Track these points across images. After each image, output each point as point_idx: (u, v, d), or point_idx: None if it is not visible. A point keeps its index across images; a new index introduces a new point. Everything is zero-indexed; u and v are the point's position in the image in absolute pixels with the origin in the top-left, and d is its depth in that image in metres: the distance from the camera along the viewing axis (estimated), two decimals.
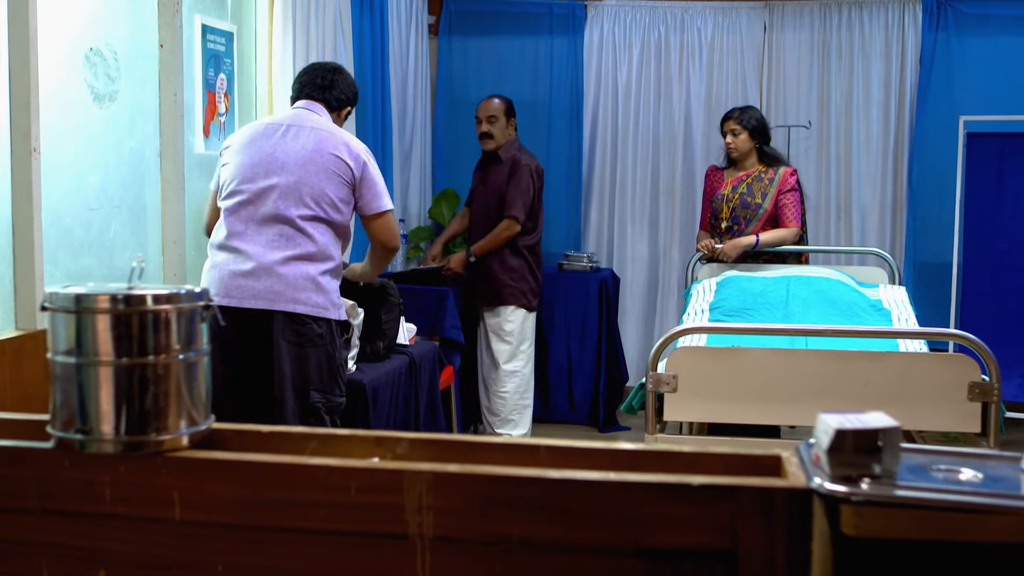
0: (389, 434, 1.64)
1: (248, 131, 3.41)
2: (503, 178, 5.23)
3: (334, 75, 3.52)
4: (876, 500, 1.36)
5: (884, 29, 6.27)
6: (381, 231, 3.46)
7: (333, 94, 3.50)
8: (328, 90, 3.49)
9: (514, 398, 5.36)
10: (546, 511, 1.42)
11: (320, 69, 3.55)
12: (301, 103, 3.48)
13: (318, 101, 3.48)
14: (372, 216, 3.42)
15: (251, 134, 3.37)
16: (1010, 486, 1.43)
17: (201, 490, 1.50)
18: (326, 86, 3.49)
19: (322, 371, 3.20)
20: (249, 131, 3.41)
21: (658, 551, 1.41)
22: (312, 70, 3.55)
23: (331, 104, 3.50)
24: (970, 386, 2.92)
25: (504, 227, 5.19)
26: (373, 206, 3.40)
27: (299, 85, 3.54)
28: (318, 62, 3.69)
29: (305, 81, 3.52)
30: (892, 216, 6.33)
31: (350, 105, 3.58)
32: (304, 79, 3.53)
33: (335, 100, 3.50)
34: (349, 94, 3.56)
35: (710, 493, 1.39)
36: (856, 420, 1.44)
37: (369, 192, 3.38)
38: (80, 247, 3.23)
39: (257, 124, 3.45)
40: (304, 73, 3.57)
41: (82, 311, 1.51)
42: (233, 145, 3.39)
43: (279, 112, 3.57)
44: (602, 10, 6.60)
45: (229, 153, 3.38)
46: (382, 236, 3.49)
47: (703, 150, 6.48)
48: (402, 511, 1.43)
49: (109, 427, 1.51)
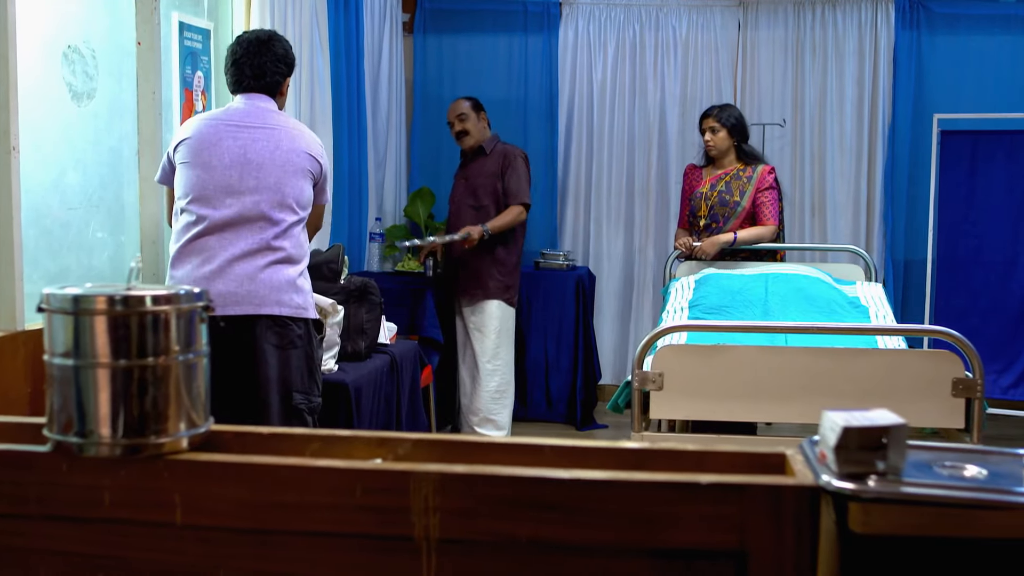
0: (392, 435, 1.62)
1: (203, 127, 3.24)
2: (494, 168, 5.27)
3: (261, 58, 3.33)
4: (884, 497, 1.36)
5: (857, 28, 6.32)
6: (318, 218, 3.56)
7: (268, 79, 3.34)
8: (261, 78, 3.33)
9: (495, 396, 5.34)
10: (556, 511, 1.41)
11: (246, 54, 3.33)
12: (243, 97, 3.33)
13: (257, 91, 3.34)
14: (319, 206, 3.49)
15: (209, 131, 3.22)
16: (1014, 482, 1.43)
17: (203, 493, 1.48)
18: (258, 75, 3.32)
19: (302, 372, 3.18)
20: (205, 127, 3.24)
21: (668, 551, 1.41)
22: (240, 58, 3.33)
23: (271, 88, 3.36)
24: (954, 382, 2.94)
25: (517, 213, 5.23)
26: (323, 198, 3.48)
27: (233, 78, 3.36)
28: (243, 39, 3.40)
29: (236, 74, 3.35)
30: (866, 213, 6.38)
31: (288, 76, 3.42)
32: (234, 71, 3.35)
33: (273, 83, 3.35)
34: (283, 68, 3.38)
35: (719, 492, 1.39)
36: (862, 418, 1.45)
37: (325, 185, 3.45)
38: (59, 247, 3.19)
39: (211, 120, 3.28)
40: (232, 63, 3.36)
41: (80, 312, 1.48)
42: (190, 142, 3.22)
43: (228, 106, 3.35)
44: (576, 8, 6.60)
45: (186, 151, 3.22)
46: (317, 221, 3.58)
47: (678, 148, 6.51)
48: (408, 513, 1.42)
49: (108, 430, 1.49)
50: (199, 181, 3.19)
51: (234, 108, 3.34)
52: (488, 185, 5.27)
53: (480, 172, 5.31)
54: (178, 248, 3.21)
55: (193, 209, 3.19)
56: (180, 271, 3.18)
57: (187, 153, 3.23)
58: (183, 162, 3.23)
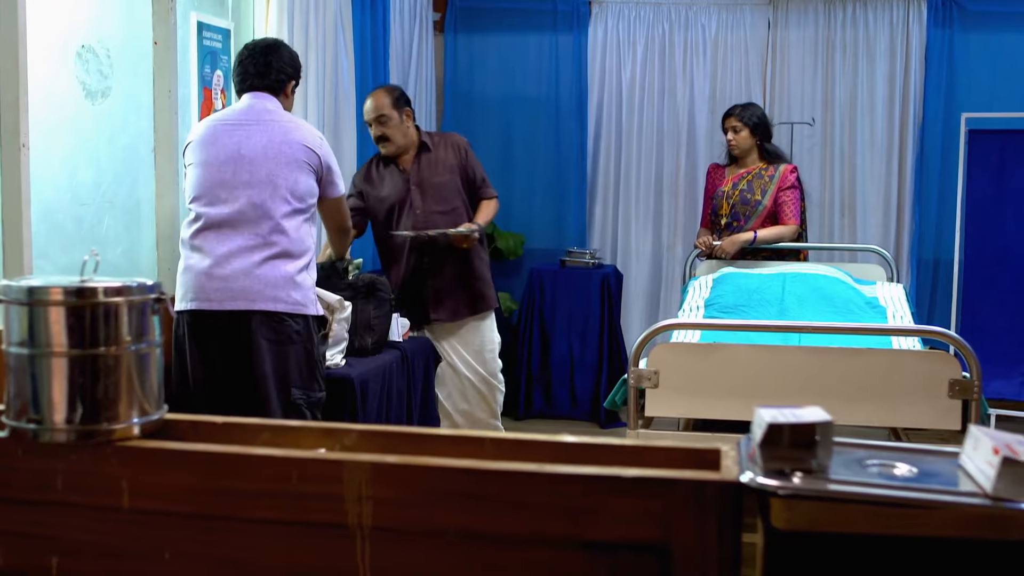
0: (338, 426, 1.66)
1: (204, 128, 3.38)
2: (451, 161, 4.41)
3: (267, 57, 3.44)
4: (804, 494, 1.37)
5: (889, 26, 6.25)
6: (338, 213, 3.60)
7: (272, 78, 3.43)
8: (265, 76, 3.42)
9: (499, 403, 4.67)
10: (484, 502, 1.44)
11: (251, 55, 3.45)
12: (247, 96, 3.44)
13: (260, 90, 3.43)
14: (331, 200, 3.50)
15: (209, 132, 3.34)
16: (944, 481, 1.44)
17: (149, 479, 1.53)
18: (262, 72, 3.42)
19: (301, 368, 3.22)
20: (205, 128, 3.37)
21: (594, 543, 1.43)
22: (245, 59, 3.46)
23: (274, 88, 3.44)
24: (950, 383, 2.91)
25: (495, 206, 4.54)
26: (334, 191, 3.48)
27: (238, 78, 3.48)
28: (249, 44, 3.55)
29: (241, 73, 3.45)
30: (896, 213, 6.31)
31: (294, 80, 3.53)
32: (240, 70, 3.46)
33: (276, 83, 3.44)
34: (289, 70, 3.49)
35: (643, 486, 1.41)
36: (791, 414, 1.46)
37: (332, 177, 3.46)
38: (71, 242, 3.27)
39: (213, 120, 3.42)
40: (238, 64, 3.48)
41: (35, 303, 1.54)
42: (194, 143, 3.36)
43: (231, 107, 3.49)
44: (606, 7, 6.61)
45: (190, 152, 3.36)
46: (338, 218, 3.62)
47: (707, 147, 6.48)
48: (342, 501, 1.46)
49: (61, 417, 1.55)
50: (199, 180, 3.29)
51: (235, 108, 3.44)
52: (450, 184, 4.39)
53: (435, 171, 4.38)
54: (184, 243, 3.31)
55: (195, 207, 3.28)
56: (184, 267, 3.28)
57: (192, 154, 3.35)
58: (189, 163, 3.36)
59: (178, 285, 3.31)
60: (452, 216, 4.35)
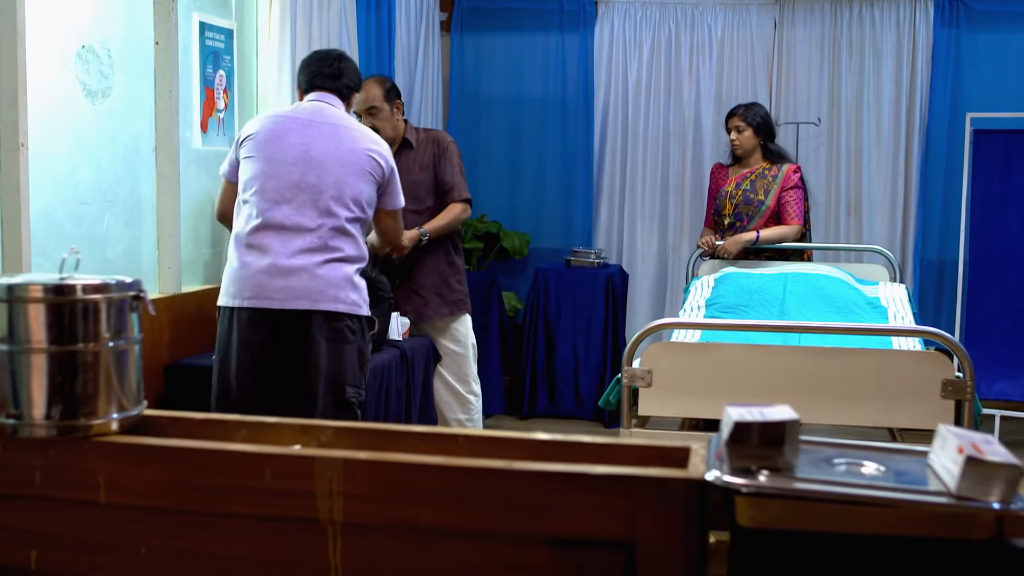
0: (316, 423, 1.68)
1: (270, 123, 3.35)
2: (429, 160, 4.40)
3: (340, 63, 3.50)
4: (768, 492, 1.38)
5: (895, 26, 6.24)
6: (393, 226, 3.63)
7: (343, 82, 3.48)
8: (338, 79, 3.47)
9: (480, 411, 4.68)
10: (452, 499, 1.45)
11: (327, 58, 3.51)
12: (314, 95, 3.46)
13: (330, 92, 3.46)
14: (388, 212, 3.52)
15: (275, 127, 3.32)
16: (911, 480, 1.44)
17: (126, 474, 1.55)
18: (336, 75, 3.46)
19: (355, 367, 3.27)
20: (271, 124, 3.35)
21: (561, 539, 1.44)
22: (319, 59, 3.51)
23: (343, 93, 3.49)
24: (943, 383, 2.91)
25: (460, 211, 4.41)
26: (391, 203, 3.50)
27: (308, 76, 3.49)
28: (321, 50, 3.64)
29: (314, 72, 3.48)
30: (902, 213, 6.29)
31: (356, 91, 3.59)
32: (312, 69, 3.49)
33: (345, 88, 3.49)
34: (356, 80, 3.56)
35: (609, 483, 1.42)
36: (759, 413, 1.47)
37: (392, 189, 3.47)
38: (71, 240, 3.30)
39: (278, 117, 3.39)
40: (310, 63, 3.51)
41: (14, 300, 1.56)
42: (257, 137, 3.32)
43: (297, 105, 3.49)
44: (612, 7, 6.61)
45: (252, 145, 3.32)
46: (391, 231, 3.66)
47: (713, 147, 6.48)
48: (313, 497, 1.48)
49: (40, 412, 1.57)
50: (262, 175, 3.26)
51: (303, 106, 3.43)
52: (427, 182, 4.39)
53: (413, 168, 4.37)
54: (240, 240, 3.27)
55: (255, 202, 3.25)
56: (239, 264, 3.24)
57: (252, 148, 3.31)
58: (247, 156, 3.31)
59: (229, 281, 3.26)
60: (425, 215, 4.34)
